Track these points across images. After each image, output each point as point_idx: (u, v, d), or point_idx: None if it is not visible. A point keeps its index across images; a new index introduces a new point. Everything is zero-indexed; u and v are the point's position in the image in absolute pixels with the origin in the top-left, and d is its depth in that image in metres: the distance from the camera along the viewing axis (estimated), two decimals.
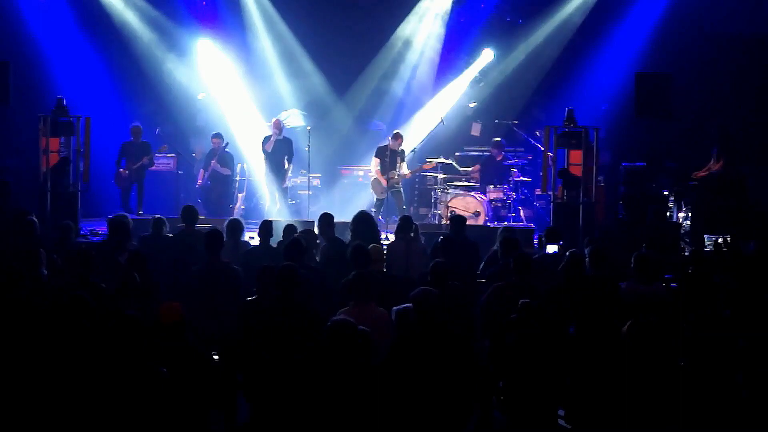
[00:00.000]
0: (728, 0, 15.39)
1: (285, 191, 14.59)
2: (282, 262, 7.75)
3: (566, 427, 6.26)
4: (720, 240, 10.74)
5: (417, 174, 15.24)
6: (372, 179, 14.60)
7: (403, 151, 14.40)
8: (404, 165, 14.40)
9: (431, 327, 6.05)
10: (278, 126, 14.53)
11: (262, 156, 14.59)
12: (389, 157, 14.12)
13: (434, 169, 15.39)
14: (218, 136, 14.91)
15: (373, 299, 7.02)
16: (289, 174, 14.68)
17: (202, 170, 14.97)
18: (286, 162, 14.46)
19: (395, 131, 14.51)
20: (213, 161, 14.74)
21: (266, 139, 14.50)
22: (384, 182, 14.15)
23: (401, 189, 14.46)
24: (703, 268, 8.31)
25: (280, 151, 14.42)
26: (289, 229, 9.82)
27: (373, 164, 14.52)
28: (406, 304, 6.44)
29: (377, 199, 14.42)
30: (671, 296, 7.84)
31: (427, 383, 5.87)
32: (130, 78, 16.08)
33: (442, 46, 16.64)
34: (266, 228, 9.48)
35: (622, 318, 6.67)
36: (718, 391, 5.97)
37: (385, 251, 9.36)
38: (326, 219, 9.82)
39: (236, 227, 9.56)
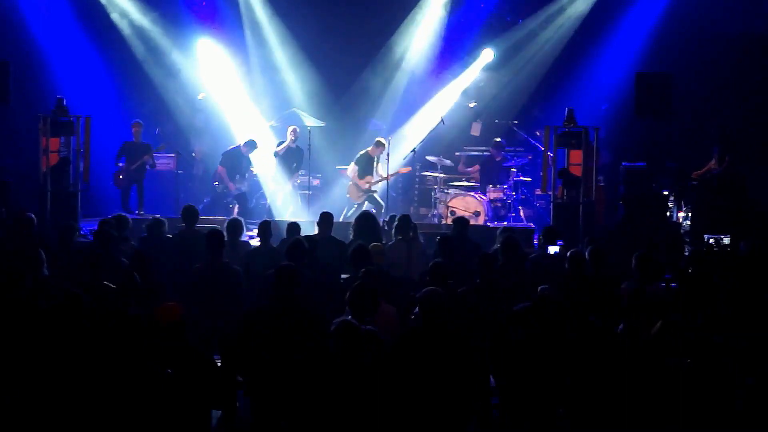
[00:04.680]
0: (728, 0, 15.39)
1: (293, 193, 14.77)
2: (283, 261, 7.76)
3: (566, 427, 6.26)
4: (711, 240, 10.77)
5: (400, 176, 15.33)
6: (349, 184, 14.69)
7: (379, 156, 14.56)
8: (380, 166, 14.56)
9: (435, 327, 6.06)
10: (295, 134, 14.71)
11: (273, 159, 14.82)
12: (367, 163, 14.45)
13: (434, 169, 15.40)
14: (250, 144, 14.67)
15: (382, 296, 7.02)
16: (297, 181, 14.93)
17: (225, 176, 14.45)
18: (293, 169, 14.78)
19: (378, 139, 14.62)
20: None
21: (280, 143, 14.77)
22: (360, 183, 14.43)
23: (377, 194, 14.56)
24: (703, 268, 8.31)
25: (291, 157, 14.71)
26: (292, 228, 9.81)
27: (351, 169, 14.62)
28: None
29: (356, 205, 14.53)
30: (671, 296, 7.84)
31: (428, 382, 5.87)
32: (130, 78, 16.08)
33: (442, 45, 16.64)
34: (265, 228, 9.46)
35: (621, 318, 6.68)
36: (717, 391, 5.97)
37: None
38: (324, 217, 9.81)
39: (236, 227, 9.53)
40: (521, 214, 14.85)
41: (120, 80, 16.08)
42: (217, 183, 14.62)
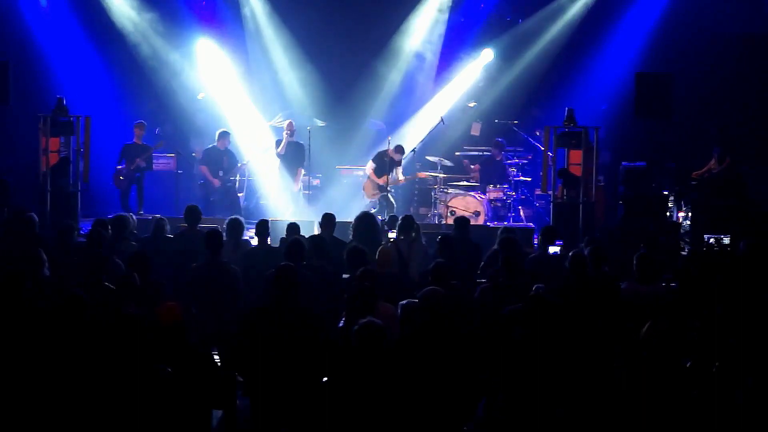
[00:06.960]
0: (728, 0, 15.39)
1: (297, 194, 14.63)
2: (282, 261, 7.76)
3: (564, 426, 6.26)
4: (711, 240, 10.79)
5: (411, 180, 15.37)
6: (364, 181, 14.68)
7: (401, 161, 14.62)
8: (399, 171, 14.68)
9: (437, 326, 6.07)
10: (290, 128, 14.51)
11: (274, 160, 14.69)
12: (387, 164, 14.40)
13: (434, 168, 15.40)
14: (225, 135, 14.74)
15: (381, 295, 7.03)
16: (301, 178, 14.64)
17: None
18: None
19: (399, 144, 14.68)
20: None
21: (278, 142, 14.58)
22: (379, 181, 14.39)
23: (391, 195, 14.53)
24: (702, 268, 8.31)
25: (293, 155, 14.47)
26: (292, 228, 9.81)
27: (369, 166, 14.69)
28: (412, 300, 6.45)
29: (370, 201, 14.53)
30: (671, 296, 7.84)
31: (430, 381, 5.88)
32: (130, 78, 16.08)
33: (442, 45, 16.64)
34: (262, 228, 9.44)
35: (622, 318, 6.68)
36: (717, 391, 5.98)
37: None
38: (327, 218, 9.83)
39: (236, 226, 9.51)
40: (521, 214, 14.86)
41: (120, 80, 16.08)
42: (202, 182, 14.74)
